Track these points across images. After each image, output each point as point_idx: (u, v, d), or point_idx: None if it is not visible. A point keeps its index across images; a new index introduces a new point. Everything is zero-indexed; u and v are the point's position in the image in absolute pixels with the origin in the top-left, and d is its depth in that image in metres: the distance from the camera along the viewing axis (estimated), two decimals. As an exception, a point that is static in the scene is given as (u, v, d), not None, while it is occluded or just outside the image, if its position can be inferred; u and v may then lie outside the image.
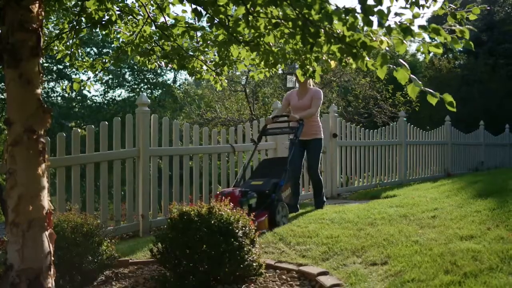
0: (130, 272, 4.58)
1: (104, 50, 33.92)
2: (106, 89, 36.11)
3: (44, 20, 3.44)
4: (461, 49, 27.41)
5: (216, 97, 18.38)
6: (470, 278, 3.38)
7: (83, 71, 5.06)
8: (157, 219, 6.76)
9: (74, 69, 30.16)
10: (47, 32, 4.83)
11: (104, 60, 4.96)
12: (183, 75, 39.55)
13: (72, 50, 4.69)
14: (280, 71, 14.73)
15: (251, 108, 17.19)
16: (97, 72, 5.04)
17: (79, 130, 6.16)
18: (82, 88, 5.06)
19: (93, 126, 6.29)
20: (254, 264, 4.01)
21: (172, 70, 35.93)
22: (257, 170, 6.73)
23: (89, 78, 5.09)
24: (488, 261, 3.65)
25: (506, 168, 14.34)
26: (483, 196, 6.19)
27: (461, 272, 3.51)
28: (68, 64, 4.90)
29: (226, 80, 5.11)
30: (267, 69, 4.38)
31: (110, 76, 35.07)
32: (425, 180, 11.47)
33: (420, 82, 2.95)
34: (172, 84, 35.68)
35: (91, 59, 5.14)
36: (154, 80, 36.67)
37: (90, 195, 6.13)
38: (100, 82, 34.79)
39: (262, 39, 3.63)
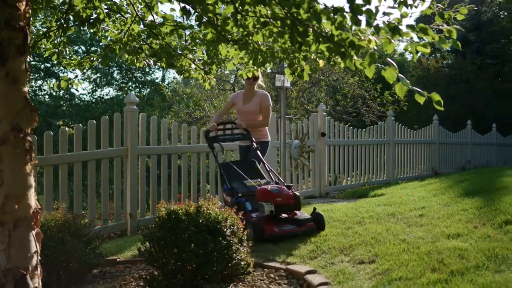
0: (118, 271, 4.57)
1: (92, 49, 33.75)
2: (94, 88, 35.92)
3: (31, 18, 3.42)
4: (449, 49, 27.58)
5: (205, 96, 18.34)
6: (456, 276, 3.40)
7: (70, 69, 5.04)
8: (145, 218, 6.75)
9: (61, 67, 30.00)
10: (34, 30, 4.80)
11: (92, 58, 4.93)
12: (171, 74, 39.51)
13: (60, 48, 4.66)
14: (269, 70, 14.75)
15: (239, 107, 17.15)
16: (85, 70, 5.01)
17: (66, 129, 6.13)
18: (69, 86, 5.03)
19: (81, 124, 6.26)
20: (242, 263, 4.01)
21: (160, 69, 35.85)
22: (233, 172, 6.07)
23: (76, 76, 5.05)
24: (474, 259, 3.67)
25: (493, 167, 14.45)
26: (470, 194, 6.24)
27: (448, 270, 3.53)
28: (55, 62, 4.86)
29: (214, 79, 5.10)
30: (255, 68, 4.37)
31: (98, 75, 34.91)
32: (413, 179, 11.53)
33: (408, 81, 2.96)
34: (160, 82, 35.58)
35: (79, 57, 5.12)
36: (143, 79, 36.53)
37: (77, 194, 6.11)
38: (88, 80, 34.65)
39: (250, 38, 3.63)
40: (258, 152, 6.37)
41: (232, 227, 4.02)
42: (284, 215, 5.40)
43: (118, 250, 5.34)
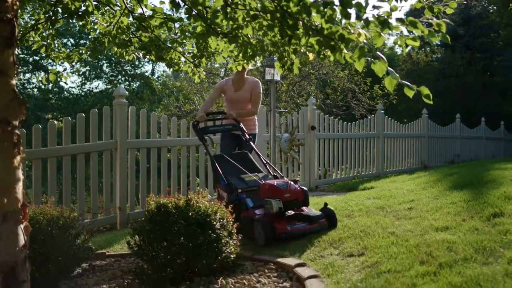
0: (107, 265, 4.56)
1: (81, 41, 33.56)
2: (83, 81, 35.76)
3: (19, 10, 3.39)
4: (439, 43, 27.68)
5: (195, 89, 18.31)
6: (445, 269, 3.42)
7: (59, 62, 5.02)
8: (134, 212, 6.74)
9: (50, 60, 29.79)
10: (22, 23, 4.77)
11: (80, 51, 4.91)
12: (161, 67, 39.39)
13: (48, 41, 4.63)
14: (258, 64, 14.73)
15: (229, 100, 17.14)
16: (73, 63, 4.99)
17: (55, 122, 6.10)
18: (58, 79, 5.01)
19: (70, 118, 6.23)
20: (232, 256, 4.02)
21: (150, 62, 35.74)
22: (228, 166, 5.65)
23: (65, 69, 5.03)
24: (462, 251, 3.70)
25: (481, 160, 14.53)
26: (458, 188, 6.27)
27: (436, 262, 3.55)
28: (44, 55, 4.84)
29: (204, 72, 5.09)
30: (245, 61, 4.37)
31: (88, 68, 34.75)
32: (402, 172, 11.58)
33: (397, 75, 2.97)
34: (150, 76, 35.48)
35: (68, 50, 5.09)
36: (132, 72, 36.40)
37: (66, 188, 6.08)
38: (77, 73, 34.51)
39: (240, 31, 3.62)
40: (252, 143, 6.13)
41: (221, 220, 4.02)
42: (290, 212, 5.01)
43: (107, 243, 5.33)
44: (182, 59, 4.73)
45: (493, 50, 27.42)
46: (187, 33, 4.32)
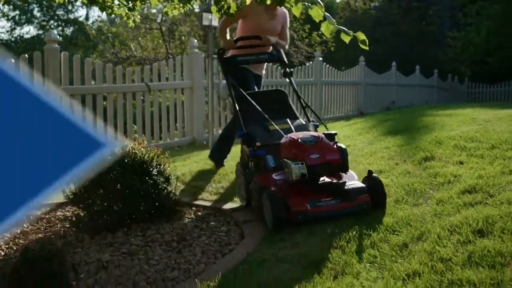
0: (42, 214, 4.47)
1: (10, -16, 31.90)
2: (13, 26, 34.20)
3: None
4: (376, -9, 27.85)
5: (131, 35, 17.84)
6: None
7: (-16, 4, 4.75)
8: (70, 160, 6.59)
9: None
10: None
11: (7, -8, 4.65)
12: (96, 12, 38.12)
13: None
14: (196, 9, 14.45)
15: (167, 46, 16.84)
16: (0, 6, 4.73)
17: (-18, 68, 5.82)
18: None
19: (-2, 63, 5.95)
20: (169, 201, 4.01)
21: (83, 6, 34.44)
22: (251, 110, 4.26)
23: (-9, 12, 4.78)
24: (395, 194, 3.83)
25: (415, 107, 14.93)
26: (392, 133, 6.43)
27: (370, 205, 3.67)
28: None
29: (139, 16, 4.94)
30: (181, 4, 4.26)
31: (17, 12, 33.20)
32: (339, 119, 11.78)
33: (334, 20, 2.97)
34: (84, 21, 34.27)
35: (-7, -9, 4.81)
36: (65, 17, 35.04)
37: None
38: (5, 18, 32.95)
39: (175, -28, 3.52)
40: (292, 80, 4.85)
41: (158, 166, 3.99)
42: (323, 179, 3.69)
43: (42, 192, 5.22)
44: (116, 2, 4.56)
45: (428, -1, 27.83)
46: (120, -25, 4.15)
